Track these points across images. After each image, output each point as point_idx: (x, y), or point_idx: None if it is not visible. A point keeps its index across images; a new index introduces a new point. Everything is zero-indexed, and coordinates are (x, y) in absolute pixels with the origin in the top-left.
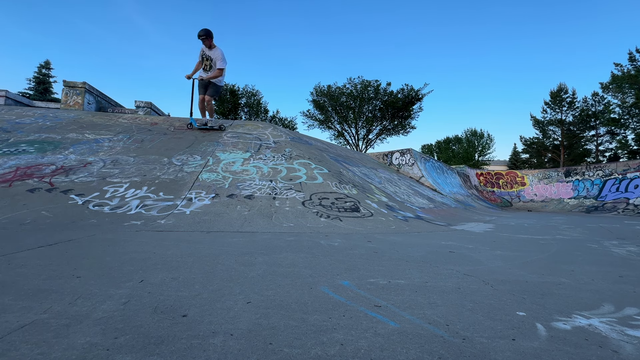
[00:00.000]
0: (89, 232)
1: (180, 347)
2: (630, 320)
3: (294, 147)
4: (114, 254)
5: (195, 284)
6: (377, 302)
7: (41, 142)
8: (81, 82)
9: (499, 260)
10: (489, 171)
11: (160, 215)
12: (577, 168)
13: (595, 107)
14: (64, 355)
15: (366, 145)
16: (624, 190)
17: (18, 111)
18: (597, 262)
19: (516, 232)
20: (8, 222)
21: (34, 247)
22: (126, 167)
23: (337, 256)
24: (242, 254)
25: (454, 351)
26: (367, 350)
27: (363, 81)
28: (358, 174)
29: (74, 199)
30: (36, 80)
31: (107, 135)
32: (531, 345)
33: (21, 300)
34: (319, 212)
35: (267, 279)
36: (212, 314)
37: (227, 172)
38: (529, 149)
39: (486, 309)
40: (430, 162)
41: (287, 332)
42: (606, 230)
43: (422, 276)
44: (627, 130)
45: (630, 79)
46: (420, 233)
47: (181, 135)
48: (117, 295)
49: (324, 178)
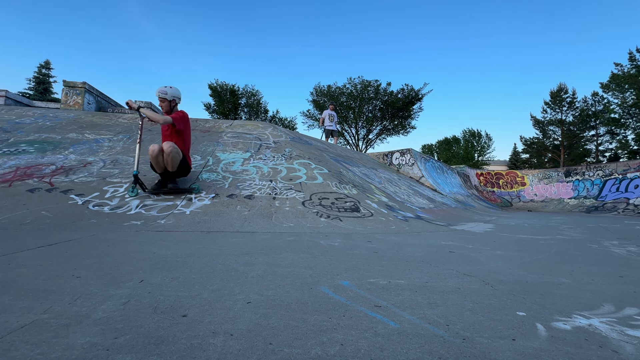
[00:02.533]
0: (89, 232)
1: (180, 347)
2: (631, 320)
3: (294, 147)
4: (114, 254)
5: (195, 284)
6: (377, 302)
7: (41, 142)
8: (81, 82)
9: (499, 260)
10: (489, 171)
11: (160, 215)
12: (577, 168)
13: (595, 107)
14: (64, 355)
15: (366, 145)
16: (624, 190)
17: (18, 111)
18: (597, 262)
19: (516, 232)
20: (8, 222)
21: (34, 247)
22: (126, 167)
23: (337, 256)
24: (242, 254)
25: (454, 351)
26: (367, 350)
27: (363, 81)
28: (358, 174)
29: (74, 199)
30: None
31: (107, 135)
32: (531, 345)
33: (21, 300)
34: (319, 212)
35: (267, 279)
36: (212, 314)
37: (227, 172)
38: (529, 149)
39: (486, 309)
40: (430, 162)
41: (287, 332)
42: (606, 230)
43: (422, 276)
44: (627, 130)
45: (631, 78)
46: (420, 233)
47: None
48: (117, 295)
49: (324, 178)
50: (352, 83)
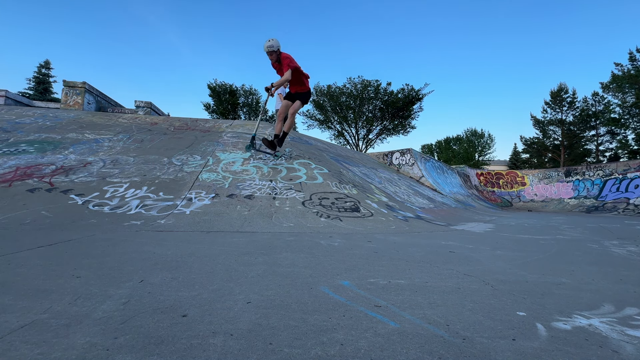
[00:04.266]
0: (89, 232)
1: (180, 347)
2: (631, 320)
3: (294, 147)
4: (114, 254)
5: (195, 284)
6: (377, 302)
7: (41, 142)
8: (81, 82)
9: (499, 260)
10: (489, 171)
11: (160, 215)
12: (577, 168)
13: (596, 107)
14: (64, 355)
15: (366, 145)
16: (624, 190)
17: (18, 111)
18: (597, 262)
19: (516, 232)
20: (8, 222)
21: (34, 247)
22: (126, 167)
23: (337, 256)
24: (242, 254)
25: (454, 351)
26: (367, 350)
27: (363, 81)
28: (358, 173)
29: (74, 199)
30: (36, 80)
31: (107, 135)
32: (531, 345)
33: (21, 300)
34: (319, 212)
35: (267, 279)
36: (212, 314)
37: (227, 172)
38: (529, 148)
39: (486, 309)
40: (430, 162)
41: (287, 332)
42: (606, 230)
43: (422, 276)
44: (627, 130)
45: (631, 78)
46: (420, 233)
47: (181, 135)
48: (117, 295)
49: (324, 178)
50: (352, 83)
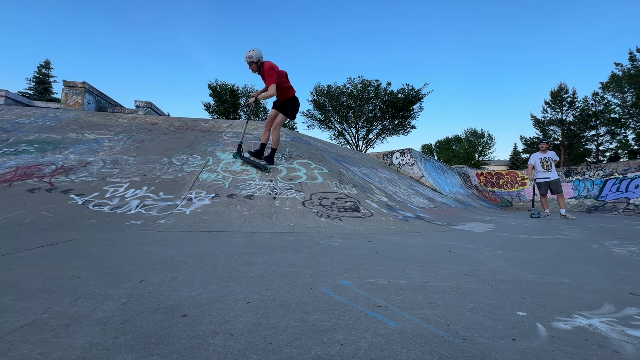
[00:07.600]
0: (89, 232)
1: (180, 347)
2: (631, 320)
3: (294, 147)
4: (114, 254)
5: (195, 284)
6: (377, 302)
7: (41, 142)
8: (81, 81)
9: (499, 260)
10: (489, 171)
11: (160, 215)
12: (577, 168)
13: (596, 106)
14: (64, 355)
15: (366, 145)
16: (625, 190)
17: (18, 111)
18: (597, 262)
19: (516, 232)
20: (8, 222)
21: (34, 247)
22: (126, 167)
23: (337, 256)
24: (242, 254)
25: (454, 351)
26: (367, 350)
27: (363, 81)
28: (358, 173)
29: (74, 198)
30: (36, 80)
31: (107, 135)
32: (531, 345)
33: (21, 300)
34: (319, 212)
35: (267, 279)
36: (212, 314)
37: (227, 171)
38: (530, 148)
39: (486, 309)
40: (430, 162)
41: (287, 332)
42: (607, 230)
43: (422, 276)
44: (627, 130)
45: (631, 78)
46: (420, 233)
47: (181, 135)
48: (117, 295)
49: (324, 178)
50: (352, 83)
